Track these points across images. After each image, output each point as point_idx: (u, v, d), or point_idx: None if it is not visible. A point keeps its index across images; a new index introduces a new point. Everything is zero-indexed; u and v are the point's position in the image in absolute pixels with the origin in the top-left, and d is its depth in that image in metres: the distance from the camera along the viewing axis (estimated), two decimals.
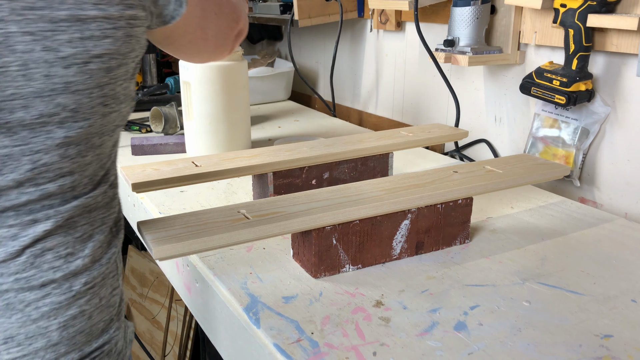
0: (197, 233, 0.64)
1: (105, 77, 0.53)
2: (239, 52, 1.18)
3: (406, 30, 1.45)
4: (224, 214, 0.70)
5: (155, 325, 2.03)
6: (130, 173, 0.84)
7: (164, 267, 0.95)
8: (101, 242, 0.59)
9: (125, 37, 0.53)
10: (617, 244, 0.80)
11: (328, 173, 0.95)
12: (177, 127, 1.37)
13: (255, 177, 0.94)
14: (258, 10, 1.83)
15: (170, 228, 0.66)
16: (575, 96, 0.97)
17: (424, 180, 0.79)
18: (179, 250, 0.63)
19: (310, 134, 1.42)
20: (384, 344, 0.58)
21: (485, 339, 0.59)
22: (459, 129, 1.11)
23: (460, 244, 0.80)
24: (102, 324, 0.61)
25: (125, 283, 2.28)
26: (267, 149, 0.96)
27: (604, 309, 0.64)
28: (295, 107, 1.77)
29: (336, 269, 0.72)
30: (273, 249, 0.79)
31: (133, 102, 0.60)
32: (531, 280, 0.70)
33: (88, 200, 0.57)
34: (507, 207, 0.94)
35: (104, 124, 0.55)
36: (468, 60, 1.09)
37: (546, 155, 1.08)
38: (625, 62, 0.96)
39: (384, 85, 1.56)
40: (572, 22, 0.95)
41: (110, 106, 0.55)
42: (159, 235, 0.64)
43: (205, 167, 0.87)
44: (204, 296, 0.75)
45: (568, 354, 0.56)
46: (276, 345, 0.58)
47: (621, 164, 1.00)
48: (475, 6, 1.10)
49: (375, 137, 1.03)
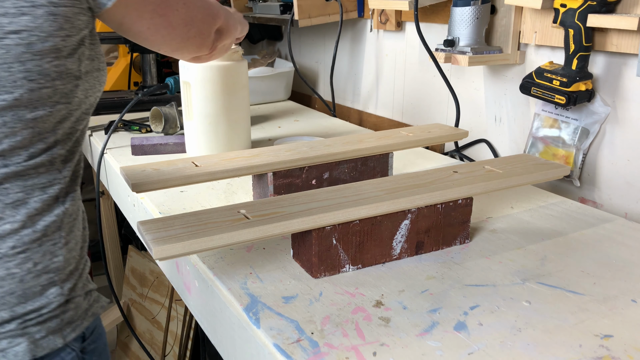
0: (197, 233, 0.64)
1: (27, 53, 0.56)
2: (239, 52, 1.18)
3: (406, 30, 1.45)
4: (224, 214, 0.70)
5: (155, 325, 2.03)
6: (130, 173, 0.84)
7: (164, 267, 0.95)
8: (38, 210, 0.62)
9: (48, 16, 0.56)
10: (617, 244, 0.80)
11: (328, 173, 0.95)
12: (177, 127, 1.37)
13: (255, 177, 0.94)
14: (258, 10, 1.83)
15: (170, 228, 0.66)
16: (575, 96, 0.97)
17: (424, 180, 0.79)
18: (178, 250, 0.63)
19: (310, 134, 1.42)
20: (384, 344, 0.58)
21: (485, 339, 0.59)
22: (459, 129, 1.11)
23: (460, 244, 0.80)
24: (39, 288, 0.63)
25: (125, 283, 2.28)
26: (267, 149, 0.96)
27: (604, 309, 0.64)
28: (295, 107, 1.77)
29: (336, 269, 0.72)
30: (273, 249, 0.79)
31: (78, 82, 0.62)
32: (531, 280, 0.70)
33: (21, 168, 0.60)
34: (507, 207, 0.94)
35: (35, 99, 0.58)
36: (468, 60, 1.09)
37: (546, 155, 1.08)
38: (625, 62, 0.96)
39: (384, 85, 1.56)
40: (572, 22, 0.95)
41: (38, 82, 0.57)
42: (159, 235, 0.64)
43: (205, 167, 0.87)
44: (204, 296, 0.75)
45: (568, 354, 0.56)
46: (276, 345, 0.58)
47: (621, 164, 1.00)
48: (475, 6, 1.10)
49: (375, 137, 1.03)
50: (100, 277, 2.65)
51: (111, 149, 1.28)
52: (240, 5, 1.91)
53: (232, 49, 1.15)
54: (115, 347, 2.29)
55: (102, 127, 1.43)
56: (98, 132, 1.42)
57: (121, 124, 1.42)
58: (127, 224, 2.42)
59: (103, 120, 1.46)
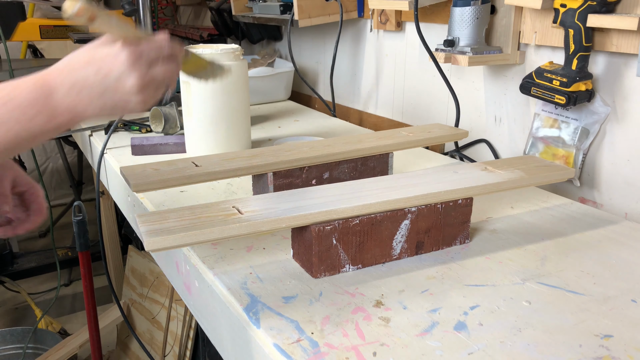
0: (190, 226, 0.65)
1: None
2: (239, 52, 1.18)
3: (406, 30, 1.45)
4: (219, 208, 0.70)
5: (155, 325, 2.03)
6: (130, 173, 0.84)
7: (164, 267, 0.95)
8: None
9: None
10: (617, 244, 0.80)
11: (328, 173, 0.95)
12: (177, 127, 1.37)
13: (255, 177, 0.94)
14: (258, 10, 1.83)
15: (165, 221, 0.66)
16: (575, 96, 0.97)
17: (424, 180, 0.79)
18: (170, 243, 0.63)
19: (310, 134, 1.42)
20: (384, 344, 0.58)
21: (485, 339, 0.59)
22: (459, 129, 1.11)
23: (460, 244, 0.80)
24: None
25: (125, 283, 2.28)
26: (267, 149, 0.96)
27: (604, 309, 0.64)
28: (295, 107, 1.77)
29: (336, 269, 0.72)
30: (273, 249, 0.79)
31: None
32: (531, 280, 0.70)
33: None
34: (507, 207, 0.94)
35: None
36: (468, 60, 1.09)
37: (546, 155, 1.08)
38: (626, 62, 0.96)
39: (384, 85, 1.56)
40: (572, 22, 0.95)
41: None
42: (153, 227, 0.65)
43: (205, 167, 0.87)
44: (204, 296, 0.75)
45: (568, 354, 0.56)
46: (276, 345, 0.58)
47: (621, 164, 1.00)
48: (475, 6, 1.10)
49: (375, 137, 1.03)
50: (100, 277, 2.65)
51: (111, 149, 1.28)
52: (240, 5, 1.92)
53: (232, 49, 1.15)
54: (115, 347, 2.29)
55: (102, 127, 1.43)
56: (98, 132, 1.42)
57: (121, 124, 1.42)
58: (127, 224, 2.42)
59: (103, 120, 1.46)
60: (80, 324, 2.46)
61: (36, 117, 0.56)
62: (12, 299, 2.66)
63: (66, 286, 2.78)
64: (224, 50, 1.14)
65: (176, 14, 2.94)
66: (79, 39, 1.83)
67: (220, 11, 2.05)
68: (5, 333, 2.13)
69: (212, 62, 0.75)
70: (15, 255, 2.53)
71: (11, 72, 2.04)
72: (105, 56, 0.57)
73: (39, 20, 2.27)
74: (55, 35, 2.24)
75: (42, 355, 1.99)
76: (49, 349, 2.02)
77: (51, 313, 2.42)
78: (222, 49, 1.14)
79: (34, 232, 3.16)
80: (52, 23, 2.24)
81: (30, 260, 2.54)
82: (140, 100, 0.58)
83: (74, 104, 0.57)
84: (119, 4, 1.69)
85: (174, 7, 2.90)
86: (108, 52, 0.57)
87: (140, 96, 0.58)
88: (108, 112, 0.59)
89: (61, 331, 2.28)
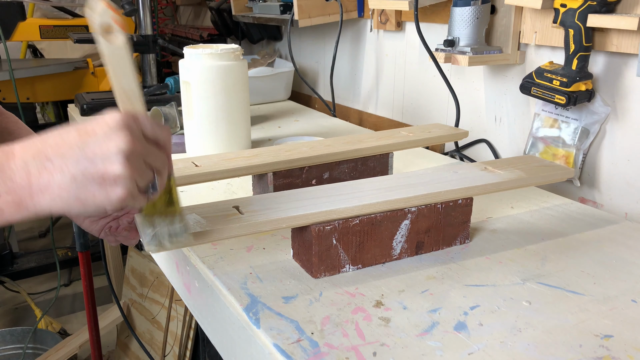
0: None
1: None
2: (239, 52, 1.18)
3: (406, 30, 1.45)
4: (218, 208, 0.70)
5: (155, 325, 2.03)
6: None
7: (164, 268, 0.95)
8: None
9: None
10: (617, 244, 0.80)
11: (328, 173, 0.95)
12: (177, 127, 1.37)
13: (255, 177, 0.94)
14: (258, 10, 1.83)
15: None
16: (576, 96, 0.97)
17: (424, 180, 0.79)
18: None
19: (310, 134, 1.42)
20: (384, 344, 0.58)
21: (485, 339, 0.59)
22: (459, 129, 1.11)
23: (460, 244, 0.80)
24: None
25: (125, 283, 2.28)
26: (267, 149, 0.96)
27: (604, 309, 0.64)
28: (295, 107, 1.77)
29: (336, 269, 0.72)
30: (273, 249, 0.79)
31: None
32: (531, 280, 0.70)
33: None
34: (507, 207, 0.94)
35: None
36: (468, 60, 1.09)
37: (546, 155, 1.08)
38: (626, 62, 0.96)
39: (384, 85, 1.56)
40: (572, 22, 0.95)
41: None
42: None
43: (205, 167, 0.87)
44: (204, 296, 0.75)
45: (568, 354, 0.56)
46: (276, 346, 0.58)
47: (621, 164, 1.00)
48: (475, 6, 1.10)
49: (375, 137, 1.03)
50: (100, 277, 2.65)
51: None
52: (240, 5, 1.92)
53: (232, 49, 1.15)
54: (115, 347, 2.29)
55: None
56: None
57: None
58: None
59: None
60: (80, 324, 2.46)
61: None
62: (12, 299, 2.66)
63: (66, 286, 2.78)
64: (224, 50, 1.14)
65: (176, 14, 2.94)
66: (78, 39, 1.83)
67: (220, 11, 2.05)
68: (5, 333, 2.13)
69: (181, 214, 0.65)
70: (15, 255, 2.53)
71: (11, 72, 2.04)
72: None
73: (38, 20, 2.27)
74: (55, 35, 2.25)
75: (42, 355, 1.99)
76: (48, 349, 2.02)
77: (51, 313, 2.42)
78: (222, 49, 1.14)
79: (33, 232, 3.16)
80: (52, 23, 2.25)
81: (30, 260, 2.53)
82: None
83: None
84: (119, 4, 1.69)
85: (174, 7, 2.90)
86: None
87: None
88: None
89: (61, 331, 2.28)
